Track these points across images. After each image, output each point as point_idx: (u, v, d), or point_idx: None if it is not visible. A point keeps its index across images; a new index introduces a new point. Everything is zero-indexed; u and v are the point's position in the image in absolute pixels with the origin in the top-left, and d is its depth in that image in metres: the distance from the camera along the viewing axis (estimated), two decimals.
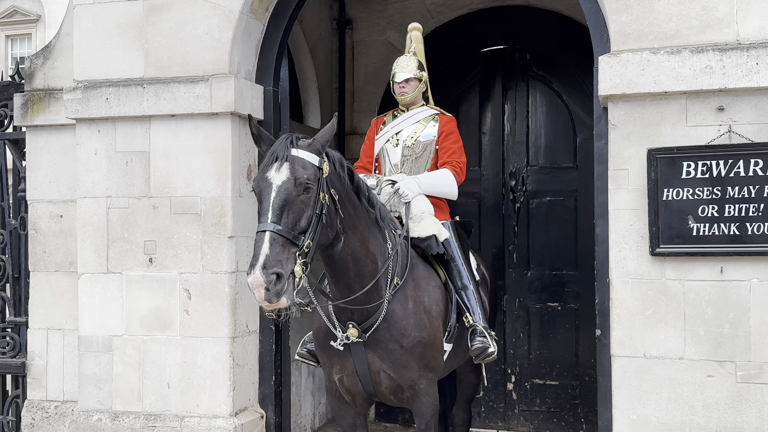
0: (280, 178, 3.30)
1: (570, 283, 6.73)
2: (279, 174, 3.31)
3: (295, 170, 3.32)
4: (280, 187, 3.28)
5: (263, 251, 3.15)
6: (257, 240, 3.20)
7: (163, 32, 5.09)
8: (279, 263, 3.15)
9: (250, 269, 3.15)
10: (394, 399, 4.01)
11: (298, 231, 3.26)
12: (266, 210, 3.26)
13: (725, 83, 4.14)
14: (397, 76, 4.69)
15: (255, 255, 3.17)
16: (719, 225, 4.17)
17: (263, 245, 3.16)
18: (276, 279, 3.13)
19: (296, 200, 3.29)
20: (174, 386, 5.03)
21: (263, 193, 3.32)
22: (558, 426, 6.74)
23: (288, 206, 3.27)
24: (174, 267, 5.04)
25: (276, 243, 3.17)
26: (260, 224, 3.25)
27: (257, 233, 3.23)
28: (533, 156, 6.90)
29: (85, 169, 5.20)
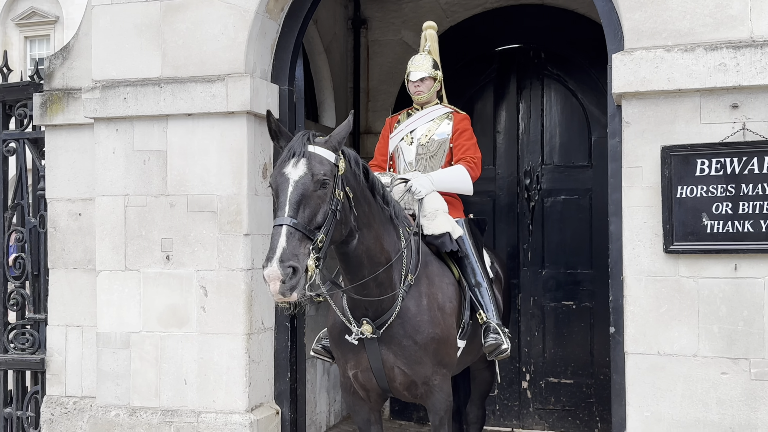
0: (297, 174, 3.35)
1: (585, 282, 6.73)
2: (296, 169, 3.36)
3: (312, 166, 3.36)
4: (297, 183, 3.33)
5: (280, 244, 3.19)
6: (274, 233, 3.25)
7: (179, 32, 5.15)
8: (295, 257, 3.19)
9: (267, 262, 3.19)
10: (408, 395, 4.04)
11: (313, 226, 3.31)
12: (283, 204, 3.30)
13: (739, 81, 4.14)
14: (413, 75, 4.72)
15: (272, 248, 3.21)
16: (733, 222, 4.17)
17: (280, 239, 3.21)
18: (292, 272, 3.17)
19: (313, 195, 3.33)
20: (191, 382, 5.08)
21: (280, 187, 3.36)
22: (573, 424, 6.74)
23: (305, 201, 3.31)
24: (191, 264, 5.10)
25: (293, 237, 3.22)
26: (277, 218, 3.30)
27: (274, 227, 3.28)
28: (548, 154, 6.90)
29: (104, 167, 5.27)
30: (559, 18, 6.84)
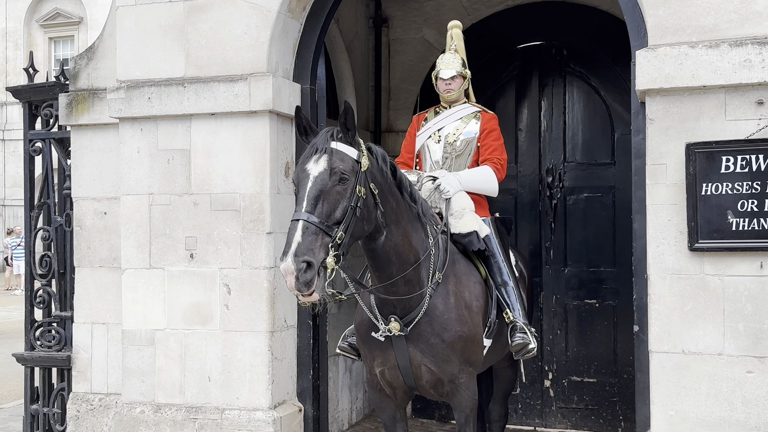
0: (317, 169, 3.37)
1: (608, 280, 6.69)
2: (317, 165, 3.38)
3: (332, 162, 3.38)
4: (316, 178, 3.35)
5: (295, 239, 3.21)
6: (291, 228, 3.27)
7: (203, 32, 5.19)
8: (311, 252, 3.20)
9: (283, 256, 3.21)
10: (434, 393, 4.05)
11: (332, 221, 3.32)
12: (301, 199, 3.33)
13: (764, 77, 4.10)
14: (443, 72, 4.72)
15: (288, 242, 3.23)
16: (759, 220, 4.13)
17: (296, 233, 3.23)
18: (306, 267, 3.18)
19: (332, 191, 3.35)
20: (214, 379, 5.12)
21: (301, 183, 3.39)
22: (596, 423, 6.71)
23: (323, 196, 3.32)
24: (214, 262, 5.14)
25: (308, 231, 3.23)
26: (295, 213, 3.32)
27: (291, 221, 3.31)
28: (570, 152, 6.87)
29: (128, 167, 5.32)
30: (582, 15, 6.80)
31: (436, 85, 4.80)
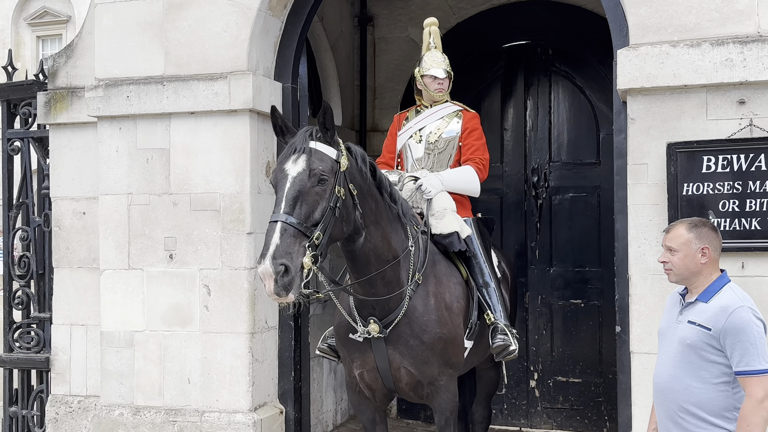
0: (296, 170, 3.32)
1: (593, 280, 6.67)
2: (295, 165, 3.33)
3: (311, 162, 3.33)
4: (294, 179, 3.30)
5: (273, 241, 3.16)
6: (269, 230, 3.22)
7: (182, 30, 5.13)
8: (288, 255, 3.15)
9: (261, 258, 3.17)
10: (413, 395, 4.01)
11: (310, 223, 3.27)
12: (280, 200, 3.27)
13: (746, 76, 4.08)
14: (436, 71, 4.67)
15: (266, 244, 3.18)
16: (740, 220, 4.11)
17: (274, 235, 3.18)
18: (284, 271, 3.13)
19: (310, 192, 3.30)
20: (194, 381, 5.07)
21: (279, 184, 3.34)
22: (581, 423, 6.68)
23: (302, 198, 3.28)
24: (194, 263, 5.08)
25: (287, 234, 3.18)
26: (273, 214, 3.27)
27: (269, 223, 3.25)
28: (555, 152, 6.84)
29: (107, 166, 5.26)
30: (567, 14, 6.78)
31: (422, 83, 4.71)
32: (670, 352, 3.08)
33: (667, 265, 3.11)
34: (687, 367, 3.00)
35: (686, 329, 3.03)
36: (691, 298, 3.08)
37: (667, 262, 3.10)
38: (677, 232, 3.10)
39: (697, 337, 2.97)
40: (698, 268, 3.05)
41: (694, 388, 2.98)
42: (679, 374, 3.02)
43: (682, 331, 3.04)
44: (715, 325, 2.94)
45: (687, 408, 3.00)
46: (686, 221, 3.17)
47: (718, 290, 3.04)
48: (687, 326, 3.03)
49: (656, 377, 3.13)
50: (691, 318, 3.02)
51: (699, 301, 3.04)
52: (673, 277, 3.11)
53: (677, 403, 3.04)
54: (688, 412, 3.01)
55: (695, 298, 3.05)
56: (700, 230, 3.08)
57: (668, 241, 3.11)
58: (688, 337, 3.00)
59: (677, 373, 3.03)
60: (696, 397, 2.98)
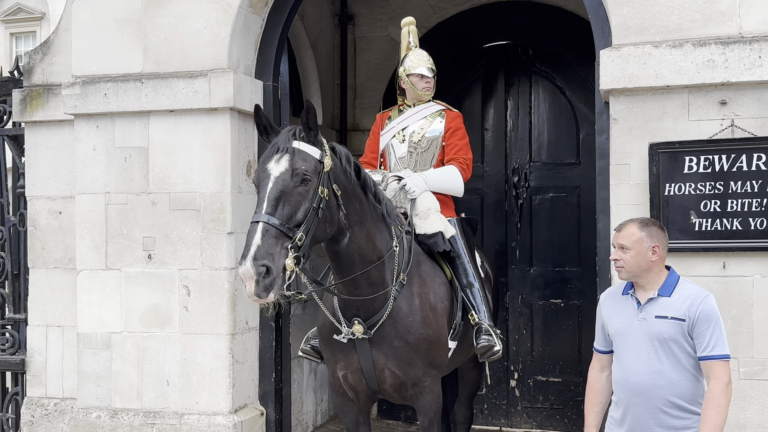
0: (278, 170, 3.28)
1: (573, 280, 6.69)
2: (278, 165, 3.29)
3: (294, 162, 3.28)
4: (277, 179, 3.25)
5: (255, 242, 3.11)
6: (250, 230, 3.17)
7: (161, 27, 5.07)
8: (270, 256, 3.11)
9: (242, 260, 3.12)
10: (397, 396, 3.98)
11: (293, 224, 3.22)
12: (262, 201, 3.23)
13: (728, 77, 4.10)
14: (421, 69, 4.65)
15: (247, 245, 3.14)
16: (722, 220, 4.13)
17: (255, 236, 3.13)
18: (265, 272, 3.09)
19: (293, 192, 3.25)
20: (173, 383, 5.00)
21: (261, 183, 3.29)
22: (561, 423, 6.70)
23: (284, 198, 3.23)
24: (173, 263, 5.02)
25: (268, 234, 3.14)
26: (255, 214, 3.22)
27: (251, 224, 3.21)
28: (536, 152, 6.85)
29: (84, 165, 5.18)
30: (547, 15, 6.79)
31: (408, 81, 4.68)
32: (642, 350, 3.13)
33: (618, 262, 3.20)
34: (667, 361, 3.08)
35: (659, 324, 3.10)
36: (650, 294, 3.16)
37: (619, 259, 3.19)
38: (629, 231, 3.20)
39: (674, 330, 3.07)
40: (649, 265, 3.15)
41: (676, 380, 3.08)
42: (662, 369, 3.09)
43: (653, 327, 3.11)
44: (688, 315, 3.07)
45: (673, 401, 3.07)
46: (637, 220, 3.28)
47: (675, 284, 3.17)
48: (658, 321, 3.11)
49: (632, 377, 3.14)
50: (659, 313, 3.11)
51: (661, 296, 3.13)
52: (624, 273, 3.21)
53: (663, 398, 3.08)
54: (673, 405, 3.08)
55: (657, 294, 3.14)
56: (650, 229, 3.19)
57: (620, 239, 3.20)
58: (664, 331, 3.09)
59: (660, 368, 3.09)
60: (679, 388, 3.08)
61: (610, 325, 3.26)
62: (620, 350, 3.20)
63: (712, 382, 3.06)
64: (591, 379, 3.43)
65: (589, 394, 3.42)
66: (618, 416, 3.23)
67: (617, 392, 3.23)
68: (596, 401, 3.39)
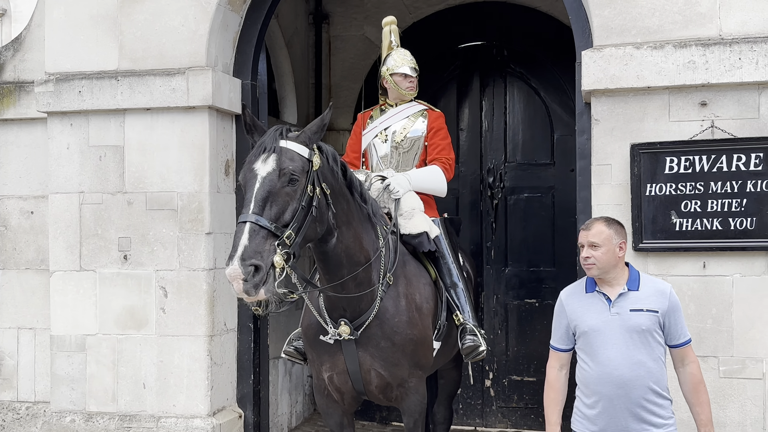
0: (265, 170, 3.22)
1: (547, 280, 6.72)
2: (265, 165, 3.23)
3: (281, 162, 3.23)
4: (264, 179, 3.20)
5: (242, 242, 3.06)
6: (237, 231, 3.12)
7: (137, 24, 4.98)
8: (258, 255, 3.06)
9: (229, 260, 3.06)
10: (383, 398, 3.95)
11: (281, 224, 3.17)
12: (249, 201, 3.17)
13: (708, 78, 4.15)
14: (405, 69, 4.63)
15: (234, 246, 3.08)
16: (702, 220, 4.17)
17: (243, 236, 3.08)
18: (254, 271, 3.04)
19: (281, 192, 3.21)
20: (150, 386, 4.92)
21: (248, 183, 3.24)
22: (535, 422, 6.72)
23: (272, 198, 3.18)
24: (150, 264, 4.93)
25: (256, 234, 3.09)
26: (242, 215, 3.17)
27: (238, 224, 3.15)
28: (511, 152, 6.87)
29: (57, 164, 5.07)
30: (522, 16, 6.82)
31: (392, 81, 4.65)
32: (620, 343, 3.21)
33: (590, 260, 3.28)
34: (645, 351, 3.20)
35: (635, 317, 3.22)
36: (618, 290, 3.26)
37: (590, 257, 3.27)
38: (599, 228, 3.30)
39: (650, 321, 3.21)
40: (616, 261, 3.27)
41: (654, 369, 3.20)
42: (642, 359, 3.20)
43: (629, 320, 3.22)
44: (661, 307, 3.23)
45: (653, 389, 3.20)
46: (602, 218, 3.39)
47: (639, 278, 3.31)
48: (634, 314, 3.22)
49: (615, 370, 3.20)
50: (633, 306, 3.23)
51: (630, 290, 3.26)
52: (595, 270, 3.29)
53: (645, 387, 3.19)
54: (654, 392, 3.20)
55: (626, 289, 3.25)
56: (616, 226, 3.31)
57: (591, 237, 3.29)
58: (641, 323, 3.21)
59: (640, 358, 3.20)
60: (655, 377, 3.21)
61: (582, 323, 3.29)
62: (597, 346, 3.24)
63: (689, 366, 3.29)
64: (551, 378, 3.48)
65: (550, 392, 3.47)
66: (592, 413, 3.25)
67: (594, 388, 3.25)
68: (558, 399, 3.46)
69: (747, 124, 4.13)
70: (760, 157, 4.07)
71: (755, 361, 4.14)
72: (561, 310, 3.43)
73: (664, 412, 3.22)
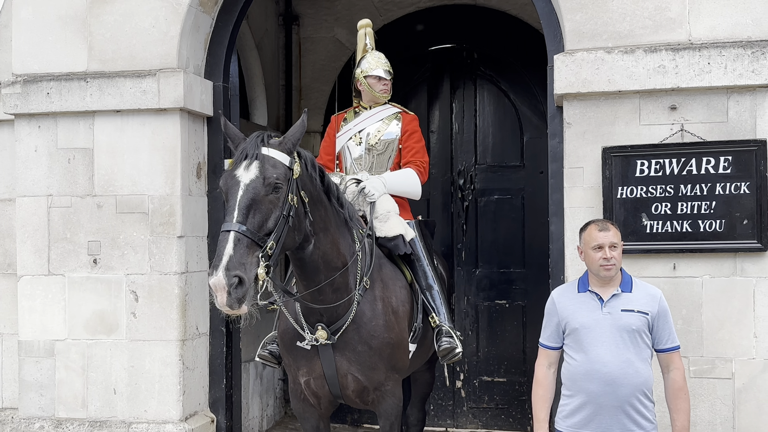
0: (248, 177, 3.20)
1: (517, 281, 6.77)
2: (248, 172, 3.21)
3: (264, 169, 3.21)
4: (248, 186, 3.18)
5: (227, 252, 3.04)
6: (221, 239, 3.09)
7: (107, 25, 4.92)
8: (242, 266, 3.03)
9: (213, 270, 3.03)
10: (359, 402, 3.95)
11: (264, 232, 3.15)
12: (232, 209, 3.14)
13: (678, 83, 4.21)
14: (378, 71, 4.64)
15: (218, 255, 3.05)
16: (672, 222, 4.24)
17: (227, 245, 3.05)
18: (238, 283, 3.02)
19: (264, 200, 3.18)
20: (120, 392, 4.86)
21: (230, 191, 3.20)
22: (506, 422, 6.77)
23: (255, 206, 3.16)
24: (120, 268, 4.87)
25: (240, 244, 3.06)
26: (225, 223, 3.13)
27: (221, 233, 3.12)
28: (481, 155, 6.91)
29: (25, 166, 4.99)
30: (492, 19, 6.86)
31: (366, 83, 4.65)
32: (610, 341, 3.26)
33: (612, 260, 3.31)
34: (634, 350, 3.26)
35: (626, 317, 3.27)
36: (611, 291, 3.32)
37: (612, 258, 3.31)
38: (614, 229, 3.38)
39: (641, 322, 3.28)
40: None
41: (641, 369, 3.26)
42: (631, 358, 3.25)
43: (620, 319, 3.27)
44: (651, 310, 3.30)
45: (641, 389, 3.25)
46: (605, 220, 3.56)
47: (631, 281, 3.38)
48: (625, 314, 3.27)
49: (604, 367, 3.24)
50: (624, 307, 3.29)
51: (623, 292, 3.33)
52: (614, 271, 3.35)
53: (632, 386, 3.23)
54: (642, 393, 3.26)
55: (619, 290, 3.32)
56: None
57: (612, 237, 3.34)
58: (632, 323, 3.26)
59: (629, 357, 3.25)
60: (643, 377, 3.26)
61: (573, 320, 3.33)
62: (587, 343, 3.28)
63: (673, 372, 3.34)
64: (539, 376, 3.50)
65: (539, 390, 3.49)
66: (582, 412, 3.28)
67: (581, 385, 3.29)
68: (546, 397, 3.48)
69: (716, 128, 4.21)
70: (729, 161, 4.15)
71: (725, 361, 4.21)
72: (552, 307, 3.46)
73: (649, 414, 3.28)
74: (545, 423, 3.45)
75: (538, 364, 3.52)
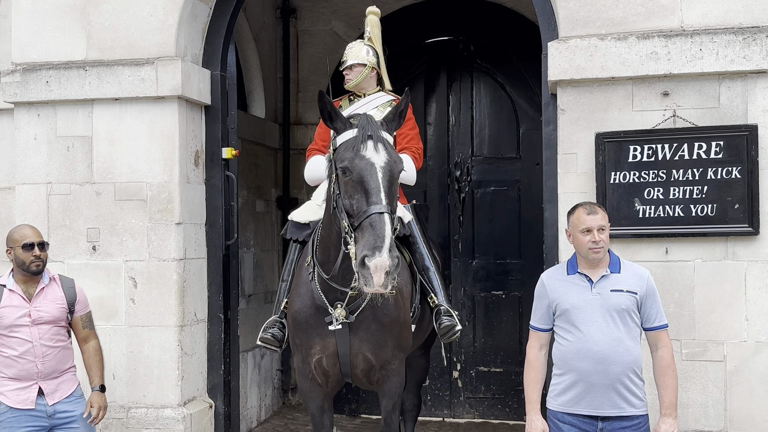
0: (381, 159, 3.30)
1: (514, 272, 6.82)
2: (379, 154, 3.30)
3: (389, 151, 3.35)
4: (384, 168, 3.28)
5: (388, 234, 3.09)
6: (376, 221, 3.12)
7: (105, 13, 4.97)
8: (395, 248, 3.15)
9: (374, 251, 3.05)
10: (366, 381, 4.00)
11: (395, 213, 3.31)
12: (377, 190, 3.20)
13: (670, 69, 4.26)
14: (349, 61, 4.69)
15: (378, 236, 3.08)
16: (664, 207, 4.29)
17: (386, 227, 3.10)
18: (396, 264, 3.11)
19: (395, 182, 3.32)
20: (119, 377, 4.90)
21: (365, 172, 3.26)
22: (502, 412, 6.82)
23: (392, 187, 3.28)
24: (119, 255, 4.92)
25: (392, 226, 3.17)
26: (374, 205, 3.17)
27: (374, 214, 3.14)
28: (477, 146, 6.96)
29: (24, 154, 5.04)
30: (488, 12, 6.90)
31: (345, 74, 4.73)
32: (600, 320, 3.32)
33: (601, 243, 3.37)
34: (624, 329, 3.32)
35: (615, 297, 3.33)
36: (600, 272, 3.38)
37: (600, 240, 3.37)
38: (601, 212, 3.43)
39: (630, 302, 3.34)
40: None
41: (631, 347, 3.33)
42: (621, 337, 3.31)
43: (610, 299, 3.33)
44: (639, 290, 3.36)
45: (630, 367, 3.31)
46: (593, 203, 3.60)
47: (619, 262, 3.44)
48: (614, 294, 3.33)
49: (595, 345, 3.29)
50: (613, 287, 3.35)
51: (612, 273, 3.39)
52: (603, 253, 3.40)
53: (623, 364, 3.29)
54: (632, 371, 3.31)
55: (608, 271, 3.38)
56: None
57: (600, 220, 3.40)
58: (621, 302, 3.33)
59: (619, 335, 3.31)
60: (633, 355, 3.33)
61: (563, 301, 3.39)
62: (577, 323, 3.33)
63: (661, 350, 3.40)
64: (531, 358, 3.55)
65: (531, 372, 3.54)
66: (573, 390, 3.33)
67: (572, 364, 3.34)
68: (538, 378, 3.53)
69: (708, 114, 4.26)
70: (720, 146, 4.20)
71: (716, 344, 4.26)
72: (542, 290, 3.51)
73: (639, 392, 3.34)
74: (537, 404, 3.50)
75: (530, 346, 3.57)
